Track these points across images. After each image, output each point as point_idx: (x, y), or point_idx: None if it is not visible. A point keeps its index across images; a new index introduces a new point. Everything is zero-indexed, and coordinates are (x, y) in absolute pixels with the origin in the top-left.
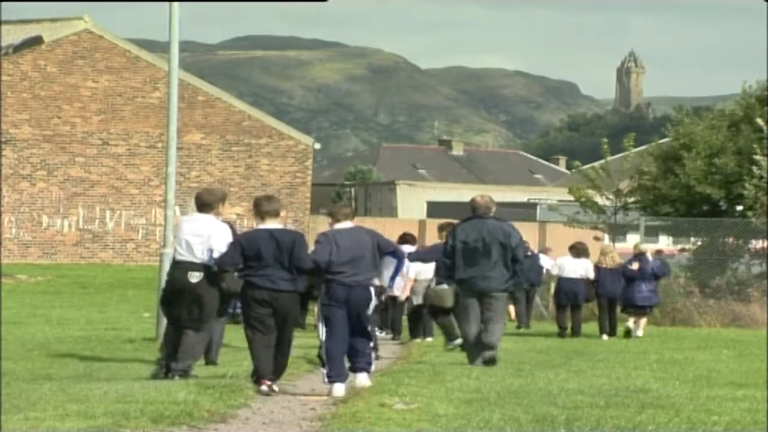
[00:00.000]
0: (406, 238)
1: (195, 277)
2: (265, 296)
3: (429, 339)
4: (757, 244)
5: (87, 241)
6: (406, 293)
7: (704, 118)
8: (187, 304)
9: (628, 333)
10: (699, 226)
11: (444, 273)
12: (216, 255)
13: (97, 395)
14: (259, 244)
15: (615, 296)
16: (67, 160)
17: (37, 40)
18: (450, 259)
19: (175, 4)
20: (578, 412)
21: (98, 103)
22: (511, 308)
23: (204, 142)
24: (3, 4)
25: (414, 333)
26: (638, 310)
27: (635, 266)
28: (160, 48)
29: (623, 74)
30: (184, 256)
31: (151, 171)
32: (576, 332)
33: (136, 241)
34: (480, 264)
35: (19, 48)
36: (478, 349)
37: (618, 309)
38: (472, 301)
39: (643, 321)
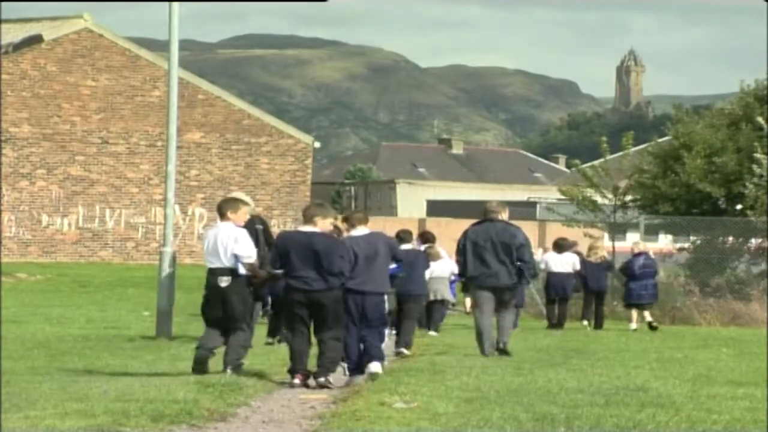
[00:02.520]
0: (426, 237)
1: (224, 281)
2: (302, 298)
3: (432, 333)
4: (757, 243)
5: (87, 239)
6: None
7: (704, 116)
8: (221, 307)
9: (654, 327)
10: (699, 224)
11: (459, 270)
12: (244, 260)
13: (96, 394)
14: (290, 246)
15: (602, 290)
16: (67, 158)
17: (37, 39)
18: (463, 258)
19: (175, 3)
20: (578, 410)
21: (98, 101)
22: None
23: (204, 140)
24: (3, 3)
25: (428, 326)
26: (643, 306)
27: (639, 264)
28: (159, 47)
29: (623, 73)
30: (213, 263)
31: (150, 170)
32: (561, 323)
33: (136, 240)
34: (489, 262)
35: (19, 47)
36: (490, 343)
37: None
38: (484, 295)
39: (635, 314)
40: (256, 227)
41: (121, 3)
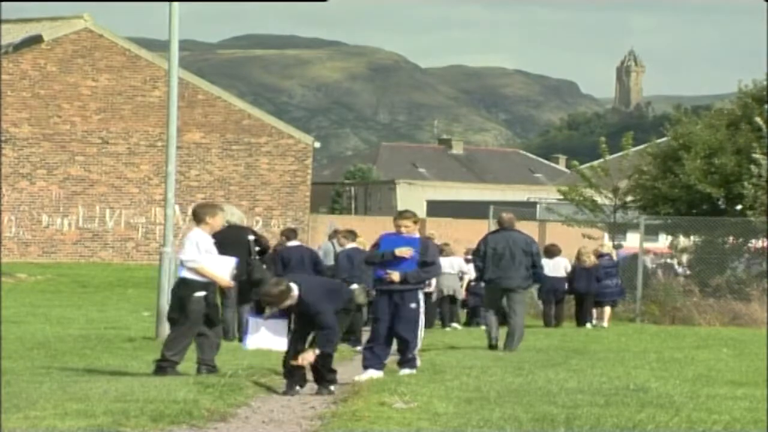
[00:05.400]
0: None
1: (175, 284)
2: None
3: (454, 325)
4: (757, 243)
5: (87, 239)
6: None
7: (703, 117)
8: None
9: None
10: (699, 225)
11: (476, 274)
12: (188, 264)
13: (96, 394)
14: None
15: (588, 292)
16: (67, 158)
17: (37, 39)
18: (482, 263)
19: (175, 3)
20: (578, 410)
21: (98, 101)
22: None
23: (204, 140)
24: (3, 3)
25: (442, 322)
26: (605, 303)
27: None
28: (159, 47)
29: (623, 73)
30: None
31: (150, 170)
32: (558, 323)
33: (136, 240)
34: (505, 267)
35: (19, 47)
36: (495, 335)
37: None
38: (497, 296)
39: (608, 313)
40: (248, 239)
41: (121, 3)
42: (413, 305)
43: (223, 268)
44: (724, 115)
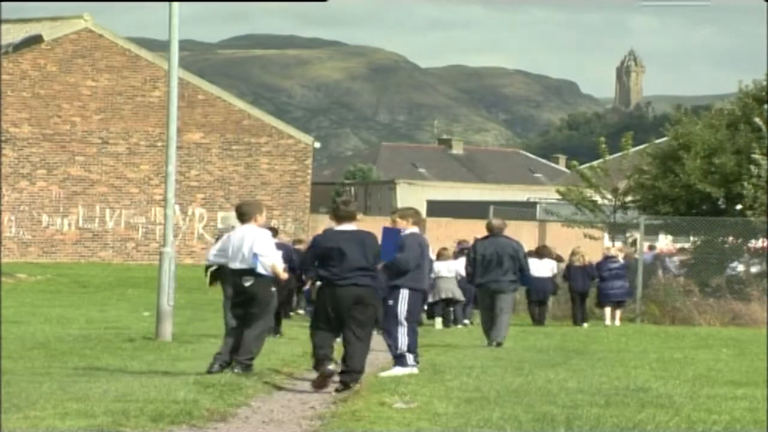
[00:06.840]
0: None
1: (247, 280)
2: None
3: (466, 321)
4: (757, 243)
5: (87, 239)
6: None
7: (703, 117)
8: (246, 305)
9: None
10: (698, 225)
11: (467, 278)
12: (262, 258)
13: (96, 394)
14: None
15: (584, 291)
16: (67, 159)
17: (37, 39)
18: (472, 267)
19: (175, 3)
20: (578, 411)
21: (98, 102)
22: None
23: (204, 141)
24: (3, 3)
25: (444, 323)
26: (614, 304)
27: (608, 267)
28: (159, 47)
29: (623, 73)
30: (237, 264)
31: (151, 170)
32: (541, 322)
33: (136, 240)
34: (493, 272)
35: (19, 47)
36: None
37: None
38: (487, 299)
39: (618, 312)
40: None
41: (121, 3)
42: (390, 302)
43: (280, 264)
44: (724, 115)
